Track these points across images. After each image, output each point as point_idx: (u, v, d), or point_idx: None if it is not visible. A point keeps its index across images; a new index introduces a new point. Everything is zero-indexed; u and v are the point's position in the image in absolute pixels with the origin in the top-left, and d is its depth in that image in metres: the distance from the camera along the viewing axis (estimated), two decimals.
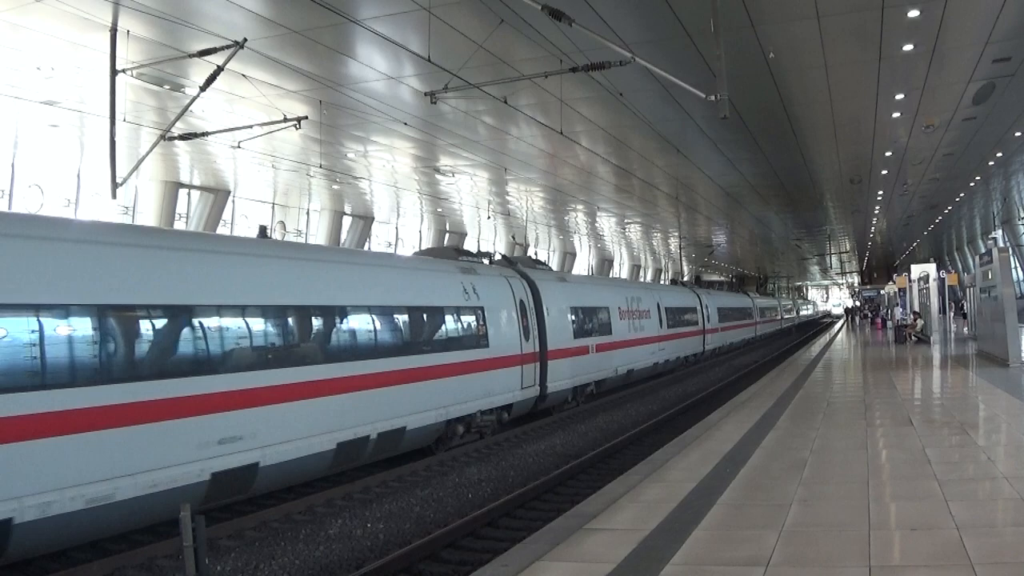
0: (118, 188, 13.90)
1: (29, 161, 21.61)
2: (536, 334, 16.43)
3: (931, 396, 14.63)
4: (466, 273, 14.73)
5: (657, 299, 26.29)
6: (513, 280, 16.30)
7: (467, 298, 14.22)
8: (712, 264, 62.42)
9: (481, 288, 14.73)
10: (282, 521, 9.68)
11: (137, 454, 7.85)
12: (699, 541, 5.92)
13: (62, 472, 7.26)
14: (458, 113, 18.32)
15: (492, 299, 15.02)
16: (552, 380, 16.98)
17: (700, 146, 22.80)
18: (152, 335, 8.49)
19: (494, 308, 15.02)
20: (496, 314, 15.07)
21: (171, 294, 8.67)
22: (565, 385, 17.85)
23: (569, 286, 19.75)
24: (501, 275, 16.11)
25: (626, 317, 22.44)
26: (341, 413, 10.68)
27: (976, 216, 44.31)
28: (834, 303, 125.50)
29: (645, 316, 24.24)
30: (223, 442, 8.81)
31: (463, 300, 14.12)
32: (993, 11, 12.93)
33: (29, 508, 6.94)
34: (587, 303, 20.20)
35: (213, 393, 8.79)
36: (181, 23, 12.42)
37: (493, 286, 15.35)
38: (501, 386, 14.92)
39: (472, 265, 15.46)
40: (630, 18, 12.79)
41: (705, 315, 32.69)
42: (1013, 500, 6.53)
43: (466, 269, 14.94)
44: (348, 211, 32.50)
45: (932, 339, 27.86)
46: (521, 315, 15.93)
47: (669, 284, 46.11)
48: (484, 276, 15.35)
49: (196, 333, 8.86)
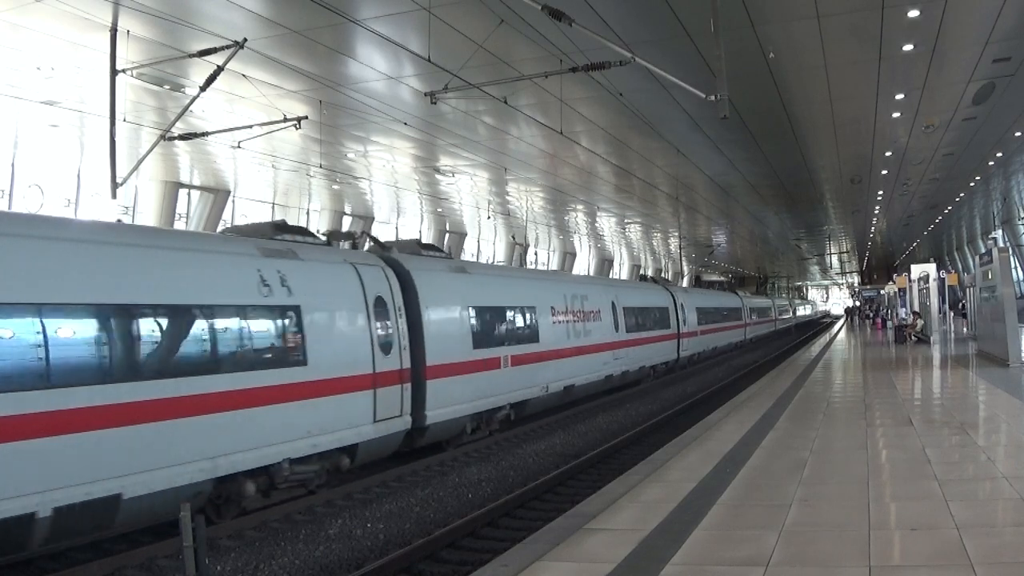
0: (118, 188, 13.90)
1: (29, 161, 21.61)
2: (406, 343, 12.11)
3: (931, 396, 14.62)
4: (272, 257, 10.12)
5: (612, 297, 21.68)
6: (367, 269, 11.80)
7: (267, 293, 9.68)
8: (712, 264, 62.37)
9: (298, 279, 10.23)
10: (282, 521, 9.68)
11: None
12: (699, 541, 5.92)
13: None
14: (458, 113, 18.32)
15: (319, 295, 10.67)
16: (435, 406, 12.66)
17: (700, 146, 22.80)
18: None
19: (322, 308, 10.65)
20: (325, 316, 10.76)
21: None
22: (458, 411, 13.42)
23: (468, 279, 14.86)
24: (345, 262, 11.57)
25: (563, 320, 18.04)
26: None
27: (976, 216, 44.32)
28: (834, 303, 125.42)
29: (593, 318, 19.79)
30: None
31: (259, 296, 9.59)
32: (993, 11, 12.94)
33: None
34: (498, 301, 15.58)
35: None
36: (181, 23, 12.42)
37: (324, 277, 11.02)
38: (334, 420, 10.47)
39: (289, 247, 10.75)
40: (630, 18, 12.80)
41: (680, 316, 28.18)
42: (1013, 500, 6.53)
43: (273, 251, 10.28)
44: (348, 211, 32.51)
45: (932, 339, 27.86)
46: (377, 318, 11.57)
47: (636, 280, 40.07)
48: (309, 263, 10.74)
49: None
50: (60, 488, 7.20)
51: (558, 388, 17.31)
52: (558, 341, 17.60)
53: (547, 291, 17.97)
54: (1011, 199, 37.66)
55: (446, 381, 13.10)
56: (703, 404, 18.90)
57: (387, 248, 14.07)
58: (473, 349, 14.05)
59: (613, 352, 20.96)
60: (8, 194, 21.43)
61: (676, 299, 28.28)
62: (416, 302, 12.66)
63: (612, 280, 36.53)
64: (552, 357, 17.12)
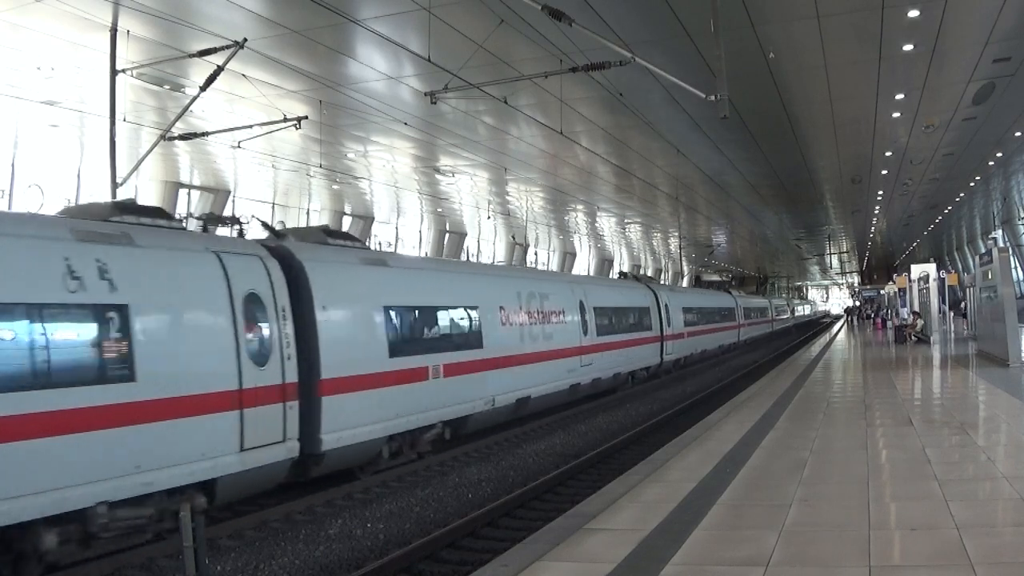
0: (118, 188, 13.91)
1: (29, 161, 21.61)
2: (292, 352, 9.79)
3: (931, 396, 14.62)
4: (90, 242, 7.95)
5: (580, 296, 19.18)
6: (236, 260, 9.43)
7: (75, 288, 7.56)
8: (712, 264, 62.40)
9: (127, 271, 8.11)
10: (282, 521, 9.68)
11: None
12: (699, 541, 5.92)
13: None
14: (458, 113, 18.33)
15: (158, 292, 8.52)
16: (335, 427, 10.38)
17: (700, 146, 22.81)
18: None
19: (160, 308, 8.49)
20: (166, 319, 8.56)
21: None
22: (369, 433, 11.03)
23: (386, 274, 12.45)
24: (207, 250, 9.32)
25: (516, 321, 15.69)
26: None
27: (976, 216, 44.35)
28: (834, 303, 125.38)
29: (555, 319, 17.39)
30: None
31: (62, 292, 7.46)
32: (993, 11, 12.94)
33: None
34: (427, 300, 13.15)
35: None
36: (181, 23, 12.44)
37: (168, 269, 8.75)
38: (178, 450, 8.33)
39: (122, 230, 8.49)
40: (630, 18, 12.81)
41: (664, 317, 25.59)
42: (1013, 500, 6.53)
43: (94, 235, 8.07)
44: (348, 211, 32.53)
45: (932, 339, 27.87)
46: (248, 321, 9.29)
47: (617, 277, 36.08)
48: (147, 251, 8.53)
49: None
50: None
51: (508, 401, 14.87)
52: (509, 346, 15.21)
53: (494, 289, 15.55)
54: (1011, 199, 37.68)
55: (351, 397, 10.77)
56: (703, 404, 18.89)
57: (281, 236, 11.68)
58: (390, 358, 11.61)
59: (580, 358, 18.45)
60: (8, 194, 21.43)
61: (659, 298, 25.76)
62: (310, 301, 10.31)
63: (580, 277, 32.19)
64: (500, 365, 14.70)
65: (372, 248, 14.67)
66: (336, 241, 12.17)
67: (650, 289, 26.04)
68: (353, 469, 11.35)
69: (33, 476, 7.05)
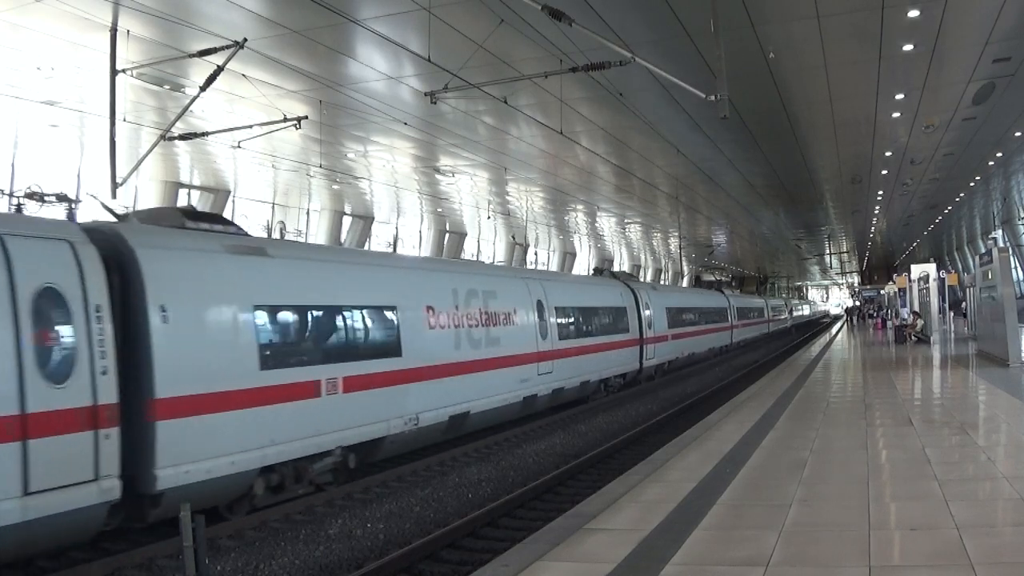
0: (118, 188, 13.91)
1: (29, 161, 21.61)
2: (109, 365, 7.73)
3: (931, 396, 14.62)
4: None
5: (538, 295, 16.68)
6: (26, 244, 7.45)
7: None
8: (712, 264, 62.42)
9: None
10: (282, 521, 9.68)
11: None
12: (699, 541, 5.92)
13: None
14: (458, 113, 18.33)
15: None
16: (177, 460, 8.29)
17: (700, 146, 22.81)
18: None
19: None
20: None
21: None
22: (231, 465, 8.89)
23: (260, 266, 9.95)
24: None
25: (449, 324, 13.28)
26: None
27: (976, 216, 44.36)
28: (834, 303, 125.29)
29: (504, 321, 15.06)
30: None
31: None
32: (993, 11, 12.95)
33: None
34: (318, 299, 10.71)
35: None
36: (181, 23, 12.44)
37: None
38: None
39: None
40: (630, 18, 12.81)
41: (644, 318, 23.28)
42: (1013, 500, 6.53)
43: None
44: (348, 211, 32.54)
45: (932, 339, 27.87)
46: (39, 323, 7.35)
47: (591, 275, 31.50)
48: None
49: None
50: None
51: (439, 419, 12.61)
52: (438, 353, 12.84)
53: (420, 285, 13.11)
54: (1011, 199, 37.69)
55: (202, 421, 8.60)
56: (703, 404, 18.89)
57: (123, 218, 9.82)
58: (261, 370, 9.37)
59: (537, 365, 16.13)
60: (8, 194, 21.42)
61: (639, 297, 23.41)
62: (141, 299, 8.21)
63: (540, 272, 28.31)
64: (426, 376, 12.35)
65: (254, 235, 11.99)
66: (197, 224, 9.84)
67: (628, 287, 23.45)
68: (219, 509, 9.22)
69: None
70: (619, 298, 22.30)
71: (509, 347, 15.11)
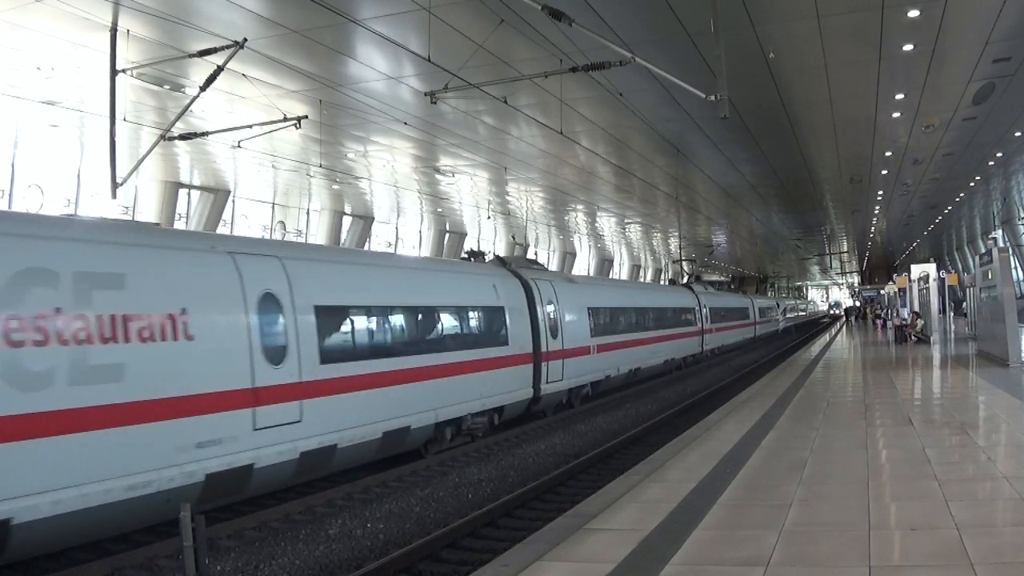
0: (118, 188, 13.92)
1: (29, 161, 21.61)
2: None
3: (931, 396, 14.62)
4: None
5: (282, 285, 9.95)
6: None
7: None
8: (712, 264, 62.42)
9: None
10: (282, 521, 9.67)
11: None
12: (699, 541, 5.92)
13: None
14: (458, 113, 18.33)
15: None
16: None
17: (700, 146, 22.81)
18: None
19: None
20: None
21: None
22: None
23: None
24: None
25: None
26: None
27: (976, 216, 44.35)
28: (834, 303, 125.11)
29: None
30: None
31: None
32: (993, 11, 12.94)
33: None
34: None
35: None
36: (181, 23, 12.43)
37: None
38: None
39: None
40: (630, 18, 12.80)
41: (543, 322, 16.33)
42: (1013, 500, 6.54)
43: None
44: (348, 211, 32.53)
45: (932, 339, 27.87)
46: None
47: (462, 259, 19.59)
48: None
49: None
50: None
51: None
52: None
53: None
54: (1011, 199, 37.68)
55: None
56: (703, 404, 18.90)
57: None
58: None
59: (254, 411, 9.25)
60: (8, 194, 21.43)
61: (536, 295, 16.36)
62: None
63: (274, 242, 19.44)
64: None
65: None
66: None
67: (517, 277, 16.25)
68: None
69: None
70: (491, 294, 14.94)
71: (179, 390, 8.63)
